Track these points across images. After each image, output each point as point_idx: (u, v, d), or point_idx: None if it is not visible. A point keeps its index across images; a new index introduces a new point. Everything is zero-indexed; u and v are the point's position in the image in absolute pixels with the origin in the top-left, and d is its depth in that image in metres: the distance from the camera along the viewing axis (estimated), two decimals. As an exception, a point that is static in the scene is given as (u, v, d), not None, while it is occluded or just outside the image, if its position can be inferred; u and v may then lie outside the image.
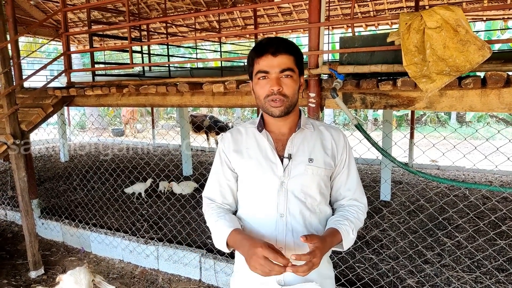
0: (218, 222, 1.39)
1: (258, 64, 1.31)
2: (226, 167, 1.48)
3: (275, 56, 1.29)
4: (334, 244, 1.32)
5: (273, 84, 1.29)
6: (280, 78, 1.30)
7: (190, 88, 3.24)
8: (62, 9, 4.06)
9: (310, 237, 1.21)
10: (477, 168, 7.14)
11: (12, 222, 5.08)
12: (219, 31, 8.87)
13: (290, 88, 1.31)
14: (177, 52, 15.38)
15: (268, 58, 1.29)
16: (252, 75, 1.37)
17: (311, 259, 1.16)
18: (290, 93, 1.31)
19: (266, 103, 1.33)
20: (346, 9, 8.02)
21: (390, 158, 2.50)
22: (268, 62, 1.29)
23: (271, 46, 1.29)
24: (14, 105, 3.55)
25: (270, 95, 1.30)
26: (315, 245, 1.19)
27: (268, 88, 1.30)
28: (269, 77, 1.30)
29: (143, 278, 3.65)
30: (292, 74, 1.31)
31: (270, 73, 1.30)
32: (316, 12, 2.59)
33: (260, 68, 1.31)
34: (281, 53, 1.29)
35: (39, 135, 9.15)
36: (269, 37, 1.38)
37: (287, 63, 1.30)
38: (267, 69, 1.29)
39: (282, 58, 1.29)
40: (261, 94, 1.33)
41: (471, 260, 3.53)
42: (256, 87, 1.35)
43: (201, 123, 10.11)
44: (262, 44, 1.32)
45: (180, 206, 4.87)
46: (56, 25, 9.50)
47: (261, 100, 1.34)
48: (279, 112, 1.32)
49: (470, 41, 2.07)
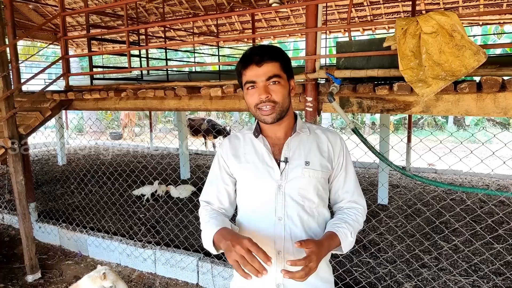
0: (209, 222, 1.39)
1: (245, 75, 1.34)
2: (224, 172, 1.49)
3: (260, 66, 1.31)
4: (332, 247, 1.33)
5: (261, 92, 1.31)
6: (268, 86, 1.32)
7: (188, 92, 3.26)
8: (61, 13, 4.07)
9: (305, 242, 1.21)
10: (474, 172, 7.16)
11: (9, 225, 5.06)
12: (217, 36, 8.91)
13: (279, 93, 1.33)
14: (175, 56, 15.42)
15: (254, 68, 1.31)
16: (242, 85, 1.40)
17: (307, 264, 1.16)
18: (279, 99, 1.33)
19: (257, 112, 1.35)
20: (343, 14, 8.07)
21: (386, 162, 2.51)
22: (253, 72, 1.32)
23: (255, 56, 1.32)
24: (12, 109, 3.55)
25: (259, 103, 1.33)
26: (310, 250, 1.19)
27: (257, 96, 1.32)
28: (257, 86, 1.32)
29: (141, 282, 3.64)
30: (279, 80, 1.33)
31: (257, 82, 1.32)
32: (313, 17, 2.62)
33: (247, 79, 1.34)
34: (265, 62, 1.31)
35: (37, 138, 9.15)
36: (253, 46, 1.40)
37: (272, 70, 1.32)
38: (254, 79, 1.32)
39: (267, 66, 1.31)
40: (251, 103, 1.36)
41: (468, 264, 3.53)
42: (246, 97, 1.38)
43: (199, 126, 10.12)
44: (247, 55, 1.34)
45: (178, 210, 4.86)
46: (55, 29, 9.52)
47: (252, 109, 1.37)
48: (271, 119, 1.34)
49: (465, 46, 2.09)
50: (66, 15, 4.38)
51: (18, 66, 4.19)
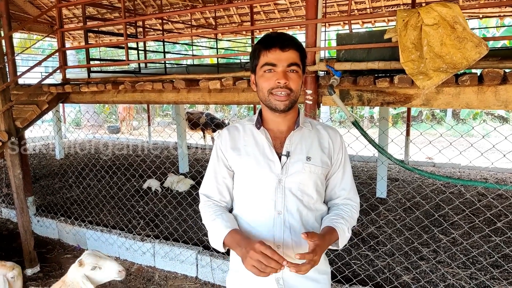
0: (216, 221, 1.39)
1: (266, 57, 1.31)
2: (222, 165, 1.47)
3: (284, 51, 1.29)
4: (331, 242, 1.34)
5: (280, 77, 1.29)
6: (287, 73, 1.30)
7: (186, 85, 3.23)
8: (57, 5, 4.02)
9: (310, 234, 1.21)
10: (473, 166, 7.17)
11: (8, 219, 5.05)
12: (215, 28, 8.84)
13: (296, 82, 1.32)
14: (172, 49, 15.32)
15: (277, 52, 1.30)
16: (255, 68, 1.37)
17: (313, 257, 1.17)
18: (295, 88, 1.32)
19: (270, 97, 1.33)
20: (342, 6, 8.01)
21: (386, 155, 2.50)
22: (276, 55, 1.30)
23: (280, 40, 1.30)
24: (9, 102, 3.52)
25: (275, 88, 1.31)
26: (315, 243, 1.19)
27: (274, 81, 1.30)
28: (275, 70, 1.30)
29: (140, 275, 3.64)
30: (298, 69, 1.32)
31: (278, 66, 1.30)
32: (313, 9, 2.59)
33: (267, 61, 1.31)
34: (289, 48, 1.30)
35: (34, 132, 9.11)
36: (277, 31, 1.39)
37: (294, 58, 1.31)
38: (275, 62, 1.30)
39: (291, 53, 1.30)
40: (265, 86, 1.33)
41: (466, 257, 3.55)
42: (260, 79, 1.34)
43: (197, 120, 10.09)
44: (271, 37, 1.33)
45: (177, 203, 4.86)
46: (51, 21, 9.42)
47: (265, 93, 1.34)
48: (284, 106, 1.32)
49: (467, 38, 2.07)
50: (62, 7, 4.33)
51: (14, 58, 4.14)
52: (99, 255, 2.25)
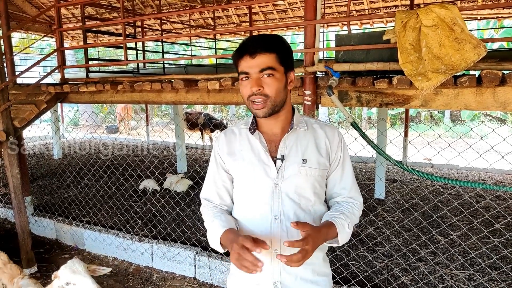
0: (214, 222, 1.39)
1: (240, 65, 1.30)
2: (221, 169, 1.47)
3: (253, 57, 1.26)
4: (329, 236, 1.30)
5: (253, 84, 1.27)
6: (261, 78, 1.28)
7: (185, 85, 3.22)
8: (55, 5, 4.01)
9: (301, 224, 1.19)
10: (471, 167, 7.18)
11: (5, 219, 5.03)
12: (214, 28, 8.83)
13: (271, 87, 1.28)
14: (171, 49, 15.31)
15: (247, 59, 1.27)
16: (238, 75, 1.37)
17: (304, 246, 1.14)
18: (271, 93, 1.28)
19: (250, 104, 1.32)
20: (341, 7, 8.02)
21: (385, 156, 2.50)
22: (247, 63, 1.28)
23: (249, 47, 1.28)
24: (7, 101, 3.50)
25: (251, 95, 1.29)
26: (307, 232, 1.17)
27: (249, 88, 1.29)
28: (250, 77, 1.29)
29: (138, 276, 3.63)
30: (273, 72, 1.27)
31: (251, 73, 1.28)
32: (312, 10, 2.59)
33: (241, 69, 1.30)
34: (259, 53, 1.26)
35: (32, 132, 9.09)
36: (251, 36, 1.36)
37: (266, 62, 1.27)
38: (247, 70, 1.28)
39: (261, 58, 1.26)
40: (244, 94, 1.32)
41: (464, 258, 3.55)
42: (240, 87, 1.34)
43: (196, 120, 10.08)
44: (243, 44, 1.30)
45: (175, 204, 4.85)
46: (50, 21, 9.40)
47: (245, 100, 1.33)
48: (262, 114, 1.30)
49: (465, 39, 2.07)
50: (61, 7, 4.32)
51: (12, 58, 4.13)
52: (77, 270, 2.11)
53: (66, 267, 2.09)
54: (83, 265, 2.13)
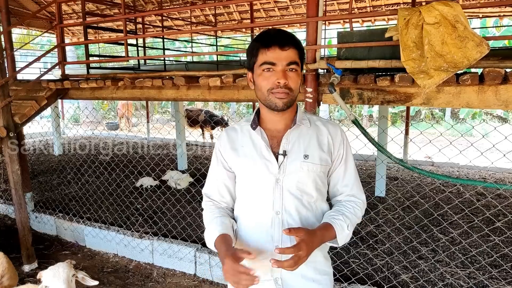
0: (211, 223, 1.40)
1: (265, 55, 1.27)
2: (222, 167, 1.46)
3: (283, 49, 1.26)
4: (326, 238, 1.29)
5: (280, 77, 1.26)
6: (286, 72, 1.27)
7: (186, 81, 3.21)
8: (56, 1, 3.99)
9: (295, 229, 1.18)
10: (471, 165, 7.18)
11: (5, 215, 5.04)
12: (215, 25, 8.81)
13: (295, 82, 1.29)
14: (172, 46, 15.27)
15: (276, 50, 1.26)
16: (253, 65, 1.33)
17: (297, 252, 1.14)
18: (294, 87, 1.29)
19: (270, 95, 1.29)
20: (342, 4, 7.99)
21: (386, 154, 2.49)
22: (275, 54, 1.26)
23: (280, 38, 1.26)
24: (8, 98, 3.50)
25: (274, 88, 1.27)
26: (301, 238, 1.17)
27: (273, 80, 1.27)
28: (275, 70, 1.27)
29: (138, 272, 3.64)
30: (297, 68, 1.29)
31: (277, 65, 1.26)
32: (314, 7, 2.57)
33: (266, 59, 1.27)
34: (289, 46, 1.26)
35: (32, 128, 9.09)
36: (275, 28, 1.35)
37: (293, 56, 1.27)
38: (274, 61, 1.26)
39: (290, 52, 1.26)
40: (264, 86, 1.29)
41: (465, 256, 3.55)
42: (259, 78, 1.31)
43: (197, 117, 10.08)
44: (270, 35, 1.28)
45: (176, 201, 4.85)
46: (50, 17, 9.38)
47: (264, 92, 1.30)
48: (283, 104, 1.29)
49: (468, 37, 2.06)
50: (62, 3, 4.31)
51: (13, 54, 4.12)
52: (58, 275, 1.96)
53: (51, 269, 2.00)
54: (67, 271, 1.99)
